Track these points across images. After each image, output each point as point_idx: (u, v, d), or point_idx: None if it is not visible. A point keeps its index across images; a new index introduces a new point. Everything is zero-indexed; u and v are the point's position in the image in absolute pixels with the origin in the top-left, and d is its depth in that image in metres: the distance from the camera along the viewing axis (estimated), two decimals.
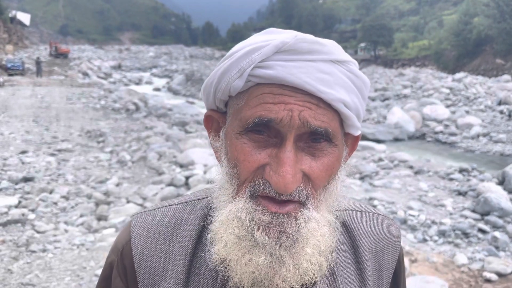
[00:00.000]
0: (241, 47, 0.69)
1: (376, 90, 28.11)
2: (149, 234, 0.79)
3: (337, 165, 0.70)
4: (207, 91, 0.75)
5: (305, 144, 0.66)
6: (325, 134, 0.65)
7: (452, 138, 16.52)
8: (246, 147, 0.66)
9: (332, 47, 0.68)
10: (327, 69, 0.66)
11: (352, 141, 0.76)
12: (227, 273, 0.69)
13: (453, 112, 19.72)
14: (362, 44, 76.41)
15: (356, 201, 0.91)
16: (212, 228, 0.71)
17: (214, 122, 0.77)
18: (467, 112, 19.89)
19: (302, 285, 0.70)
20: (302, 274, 0.68)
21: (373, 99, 25.69)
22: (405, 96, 25.41)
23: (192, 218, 0.80)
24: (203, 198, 0.83)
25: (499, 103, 20.67)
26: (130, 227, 0.81)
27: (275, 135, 0.65)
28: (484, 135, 16.42)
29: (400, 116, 18.18)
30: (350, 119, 0.69)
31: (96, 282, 0.86)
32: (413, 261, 5.23)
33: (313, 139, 0.66)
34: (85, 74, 36.46)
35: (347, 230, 0.83)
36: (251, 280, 0.68)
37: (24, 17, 74.93)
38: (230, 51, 0.71)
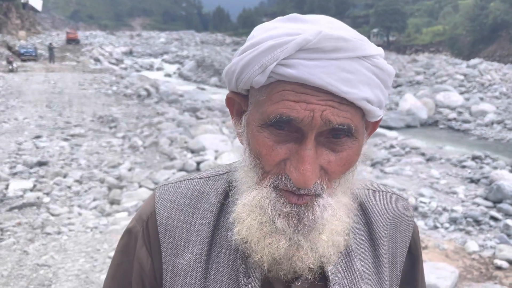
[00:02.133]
0: (264, 39, 0.67)
1: None
2: (173, 206, 0.81)
3: (355, 158, 0.70)
4: (229, 77, 0.74)
5: (325, 139, 0.66)
6: (347, 130, 0.65)
7: (466, 126, 16.32)
8: (268, 141, 0.67)
9: (357, 42, 0.65)
10: (351, 67, 0.64)
11: (373, 124, 0.76)
12: (247, 252, 0.72)
13: (467, 99, 19.43)
14: (375, 30, 75.31)
15: (370, 180, 0.92)
16: (235, 209, 0.73)
17: (235, 103, 0.77)
18: (481, 99, 19.58)
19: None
20: (319, 257, 0.71)
21: None
22: (418, 83, 25.07)
23: (214, 192, 0.82)
24: (223, 174, 0.85)
25: None
26: (154, 198, 0.83)
27: (296, 131, 0.66)
28: (498, 122, 16.18)
29: (413, 103, 17.98)
30: (372, 112, 0.69)
31: (109, 264, 0.88)
32: (424, 248, 5.23)
33: (334, 135, 0.66)
34: (97, 60, 36.61)
35: (361, 208, 0.84)
36: (270, 259, 0.70)
37: (36, 3, 75.15)
38: (253, 40, 0.68)
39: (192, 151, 9.07)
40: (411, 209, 0.90)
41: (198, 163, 7.97)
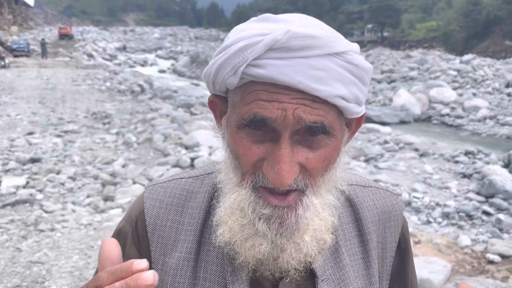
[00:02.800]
0: (235, 40, 0.67)
1: (382, 72, 27.85)
2: (162, 205, 0.82)
3: (335, 154, 0.70)
4: (206, 80, 0.75)
5: (302, 137, 0.66)
6: (321, 128, 0.65)
7: (459, 121, 16.43)
8: (245, 141, 0.68)
9: (327, 39, 0.64)
10: (321, 65, 0.64)
11: (356, 121, 0.76)
12: (232, 253, 0.73)
13: (460, 95, 19.54)
14: (369, 26, 75.36)
15: (359, 176, 0.92)
16: (217, 212, 0.74)
17: (218, 105, 0.78)
18: (474, 94, 19.70)
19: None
20: (304, 256, 0.71)
21: (379, 81, 25.47)
22: (412, 78, 25.16)
23: (202, 191, 0.83)
24: (212, 172, 0.86)
25: (507, 86, 20.43)
26: (143, 198, 0.84)
27: (271, 130, 0.66)
28: (491, 117, 16.31)
29: (406, 98, 18.06)
30: (349, 109, 0.68)
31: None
32: (417, 243, 5.27)
33: (310, 133, 0.66)
34: (90, 56, 36.39)
35: (350, 204, 0.85)
36: (255, 261, 0.71)
37: None
38: (227, 42, 0.69)
39: (186, 147, 9.05)
40: (400, 204, 0.90)
41: (192, 159, 7.96)
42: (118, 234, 0.85)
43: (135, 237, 0.82)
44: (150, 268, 0.78)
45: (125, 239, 0.83)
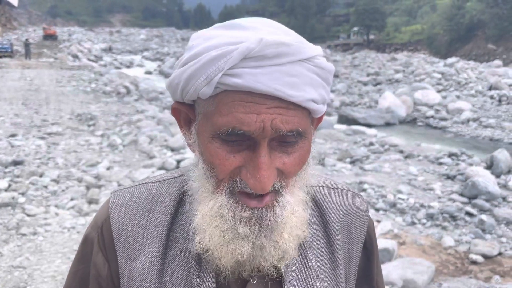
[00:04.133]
0: (206, 49, 0.67)
1: (368, 75, 28.10)
2: (127, 210, 0.81)
3: (307, 155, 0.72)
4: (173, 89, 0.74)
5: (277, 143, 0.68)
6: (296, 135, 0.67)
7: (443, 123, 16.65)
8: (220, 151, 0.68)
9: (298, 46, 0.66)
10: (294, 71, 0.66)
11: (318, 118, 0.78)
12: (210, 259, 0.73)
13: (444, 97, 19.82)
14: (355, 28, 76.06)
15: (326, 177, 0.94)
16: (194, 220, 0.74)
17: (182, 113, 0.77)
18: (458, 97, 20.00)
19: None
20: (282, 254, 0.72)
21: (365, 84, 25.69)
22: (397, 81, 25.45)
23: (168, 195, 0.83)
24: (178, 177, 0.86)
25: (490, 88, 20.80)
26: (108, 204, 0.83)
27: (248, 138, 0.67)
28: (474, 120, 16.57)
29: (392, 100, 18.24)
30: (318, 110, 0.71)
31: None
32: (401, 244, 5.32)
33: (285, 139, 0.68)
34: (75, 57, 35.94)
35: (316, 205, 0.86)
36: (233, 263, 0.72)
37: None
38: (195, 51, 0.68)
39: (172, 149, 9.00)
40: (365, 205, 0.92)
41: (178, 162, 7.91)
42: (85, 241, 0.85)
43: (101, 243, 0.81)
44: (118, 273, 0.79)
45: (91, 246, 0.83)
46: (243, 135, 0.66)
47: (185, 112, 0.76)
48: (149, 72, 34.20)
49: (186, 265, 0.77)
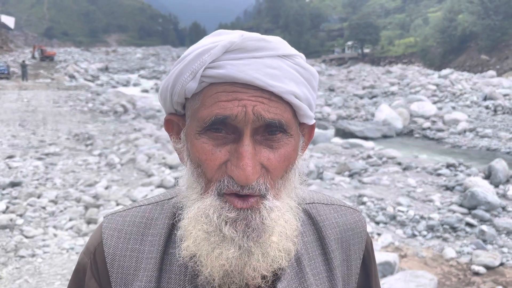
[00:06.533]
0: (192, 50, 0.72)
1: (364, 88, 28.30)
2: (120, 235, 0.80)
3: (294, 154, 0.73)
4: (163, 95, 0.77)
5: (262, 137, 0.69)
6: (279, 126, 0.69)
7: (439, 134, 16.71)
8: (206, 146, 0.69)
9: (277, 43, 0.71)
10: (274, 64, 0.69)
11: (308, 130, 0.80)
12: (197, 267, 0.72)
13: (440, 108, 19.94)
14: (349, 43, 76.83)
15: (321, 194, 0.93)
16: (181, 225, 0.73)
17: (174, 125, 0.79)
18: (453, 108, 20.13)
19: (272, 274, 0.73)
20: (271, 261, 0.71)
21: (361, 97, 25.85)
22: (393, 93, 25.63)
23: (162, 217, 0.82)
24: (172, 198, 0.85)
25: (485, 99, 20.96)
26: (101, 228, 0.82)
27: (232, 131, 0.68)
28: (471, 130, 16.64)
29: (388, 113, 18.33)
30: (302, 109, 0.72)
31: None
32: (403, 256, 5.28)
33: (269, 132, 0.69)
34: (72, 77, 36.08)
35: (313, 222, 0.85)
36: (221, 273, 0.70)
37: (9, 20, 73.87)
38: (182, 55, 0.74)
39: (171, 167, 8.98)
40: (363, 220, 0.91)
41: (177, 179, 7.88)
42: (78, 268, 0.83)
43: (94, 269, 0.80)
44: None
45: (84, 272, 0.82)
46: (227, 125, 0.68)
47: (177, 122, 0.78)
48: (145, 91, 34.30)
49: (181, 287, 0.75)
